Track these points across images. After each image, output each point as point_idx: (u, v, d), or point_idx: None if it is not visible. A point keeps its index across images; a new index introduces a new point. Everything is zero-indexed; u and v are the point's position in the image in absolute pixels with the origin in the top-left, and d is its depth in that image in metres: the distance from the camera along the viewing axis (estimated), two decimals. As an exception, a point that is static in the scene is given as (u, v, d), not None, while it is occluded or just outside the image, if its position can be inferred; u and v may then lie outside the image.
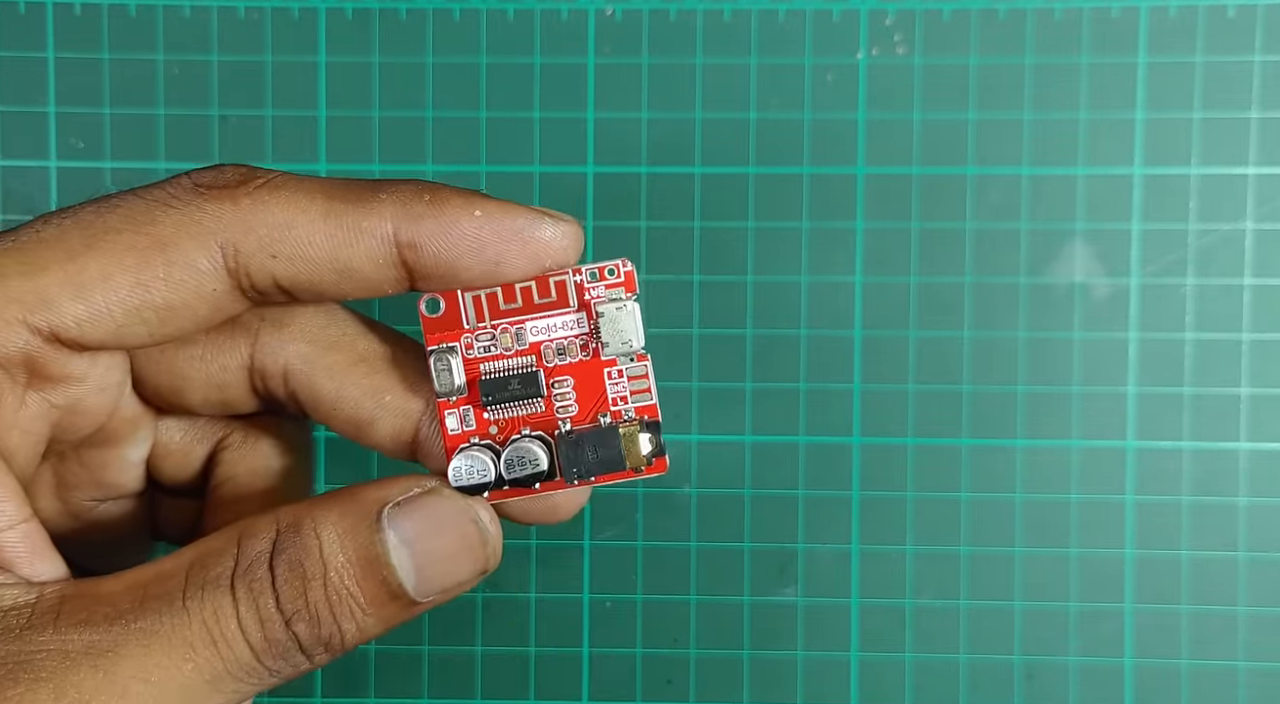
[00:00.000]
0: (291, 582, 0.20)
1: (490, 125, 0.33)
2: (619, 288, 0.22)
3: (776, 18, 0.33)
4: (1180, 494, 0.33)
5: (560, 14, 0.33)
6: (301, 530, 0.21)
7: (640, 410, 0.22)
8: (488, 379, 0.22)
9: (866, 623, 0.33)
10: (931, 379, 0.33)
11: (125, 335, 0.21)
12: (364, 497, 0.21)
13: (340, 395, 0.23)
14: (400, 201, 0.21)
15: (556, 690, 0.33)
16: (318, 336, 0.23)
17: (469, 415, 0.22)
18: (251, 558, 0.20)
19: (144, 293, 0.20)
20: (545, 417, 0.22)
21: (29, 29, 0.33)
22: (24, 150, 0.33)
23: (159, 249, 0.20)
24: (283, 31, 0.33)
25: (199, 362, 0.23)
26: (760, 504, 0.33)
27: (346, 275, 0.21)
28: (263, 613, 0.20)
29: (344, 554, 0.20)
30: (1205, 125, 0.33)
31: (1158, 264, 0.33)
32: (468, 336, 0.22)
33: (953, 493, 0.33)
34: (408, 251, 0.21)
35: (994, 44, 0.33)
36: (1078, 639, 0.33)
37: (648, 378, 0.22)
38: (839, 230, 0.33)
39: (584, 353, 0.22)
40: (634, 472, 0.22)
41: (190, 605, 0.20)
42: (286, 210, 0.20)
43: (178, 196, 0.20)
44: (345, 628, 0.20)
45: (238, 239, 0.20)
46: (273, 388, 0.23)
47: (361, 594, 0.20)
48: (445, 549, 0.21)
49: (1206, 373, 0.33)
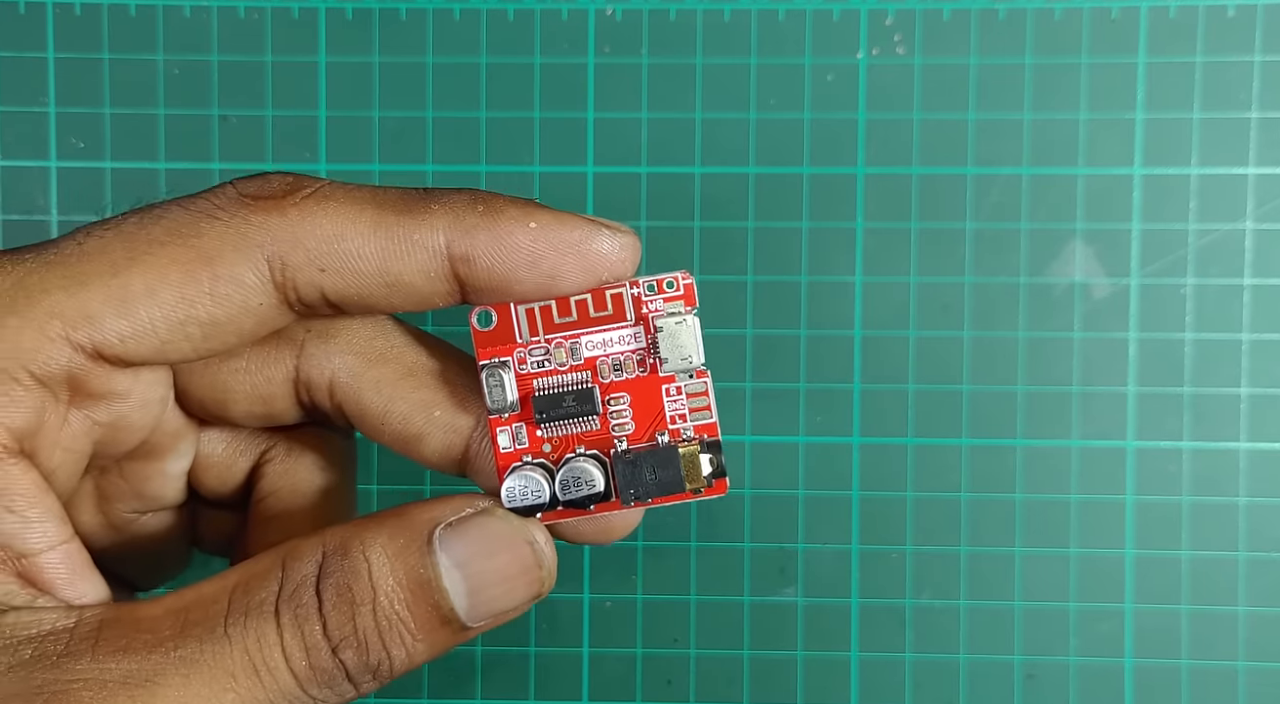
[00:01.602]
0: (340, 607, 0.19)
1: (490, 125, 0.33)
2: (678, 301, 0.21)
3: (776, 18, 0.33)
4: (1180, 494, 0.33)
5: (560, 14, 0.33)
6: (350, 553, 0.20)
7: (700, 429, 0.22)
8: (541, 395, 0.21)
9: (866, 623, 0.33)
10: (931, 379, 0.33)
11: (169, 351, 0.20)
12: (414, 517, 0.20)
13: (388, 410, 0.22)
14: (453, 213, 0.20)
15: (556, 690, 0.33)
16: (365, 349, 0.22)
17: (522, 433, 0.22)
18: (297, 582, 0.20)
19: (189, 308, 0.20)
20: (601, 435, 0.22)
21: (29, 29, 0.33)
22: (24, 150, 0.33)
23: (204, 263, 0.20)
24: (283, 31, 0.33)
25: (243, 374, 0.23)
26: (760, 504, 0.33)
27: (396, 289, 0.20)
28: (308, 640, 0.19)
29: (394, 578, 0.20)
30: (1205, 125, 0.33)
31: (1158, 264, 0.33)
32: (520, 351, 0.22)
33: (952, 493, 0.33)
34: (460, 265, 0.20)
35: (994, 44, 0.33)
36: (1078, 639, 0.33)
37: (708, 395, 0.22)
38: (839, 230, 0.33)
39: (641, 369, 0.22)
40: (693, 493, 0.21)
41: (232, 632, 0.19)
42: (335, 222, 0.20)
43: (223, 208, 0.20)
44: (395, 655, 0.20)
45: (285, 252, 0.20)
46: (318, 400, 0.23)
47: (412, 619, 0.20)
48: (499, 572, 0.21)
49: (1206, 373, 0.33)
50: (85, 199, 0.33)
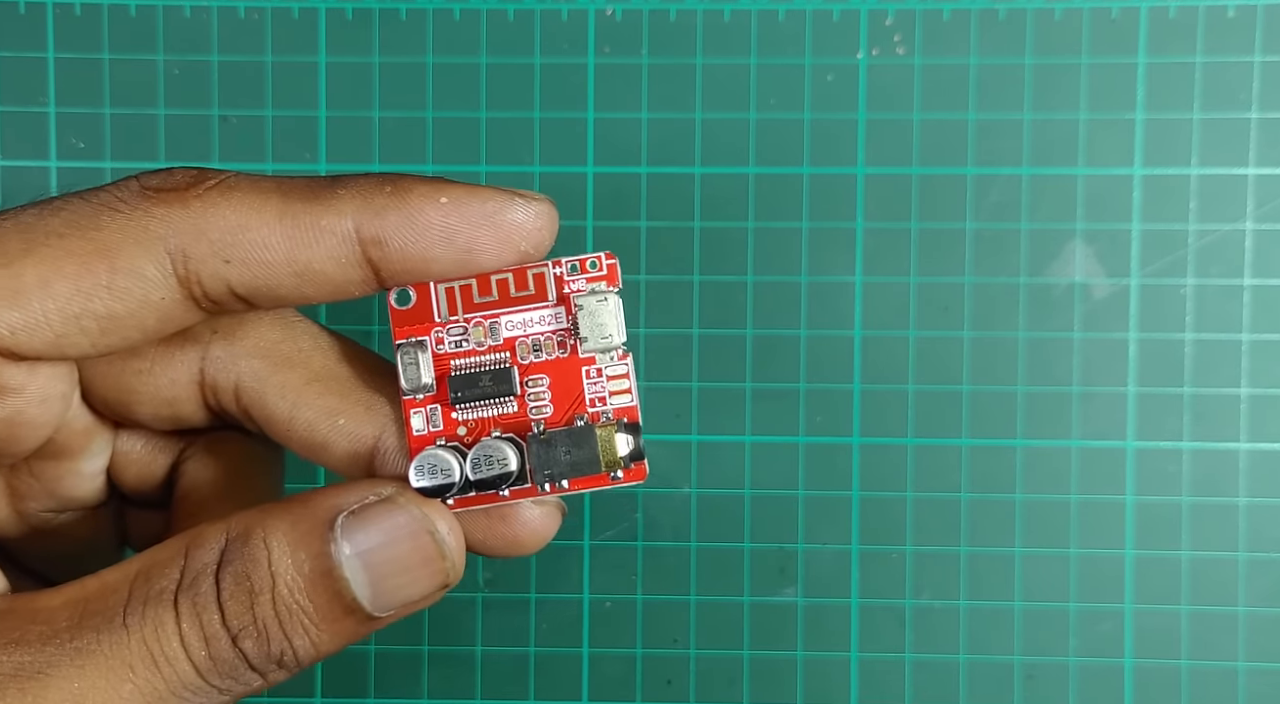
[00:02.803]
0: (237, 596, 0.19)
1: (490, 125, 0.33)
2: (601, 281, 0.21)
3: (776, 18, 0.33)
4: (1180, 494, 0.33)
5: (560, 14, 0.33)
6: (250, 540, 0.19)
7: (620, 412, 0.21)
8: (457, 375, 0.21)
9: (866, 623, 0.33)
10: (931, 379, 0.33)
11: (65, 345, 0.19)
12: (317, 504, 0.20)
13: (293, 416, 0.22)
14: (360, 195, 0.20)
15: (556, 690, 0.33)
16: (271, 352, 0.22)
17: (436, 415, 0.21)
18: (197, 570, 0.19)
19: (85, 301, 0.19)
20: (518, 418, 0.21)
21: (29, 29, 0.33)
22: (24, 150, 0.33)
23: (102, 255, 0.19)
24: (283, 31, 0.33)
25: (146, 375, 0.22)
26: (760, 504, 0.33)
27: (307, 278, 0.20)
28: (207, 630, 0.19)
29: (294, 566, 0.19)
30: (1205, 125, 0.33)
31: (1158, 264, 0.33)
32: (439, 331, 0.21)
33: (952, 493, 0.33)
34: (372, 248, 0.20)
35: (994, 44, 0.33)
36: (1078, 639, 0.33)
37: (629, 377, 0.21)
38: (839, 230, 0.33)
39: (561, 350, 0.21)
40: (609, 477, 0.21)
41: (130, 622, 0.19)
42: (239, 212, 0.19)
43: (124, 200, 0.19)
44: (298, 644, 0.19)
45: (187, 244, 0.19)
46: (225, 404, 0.22)
47: (313, 608, 0.19)
48: (401, 562, 0.20)
49: (1206, 373, 0.33)
50: (85, 199, 0.33)
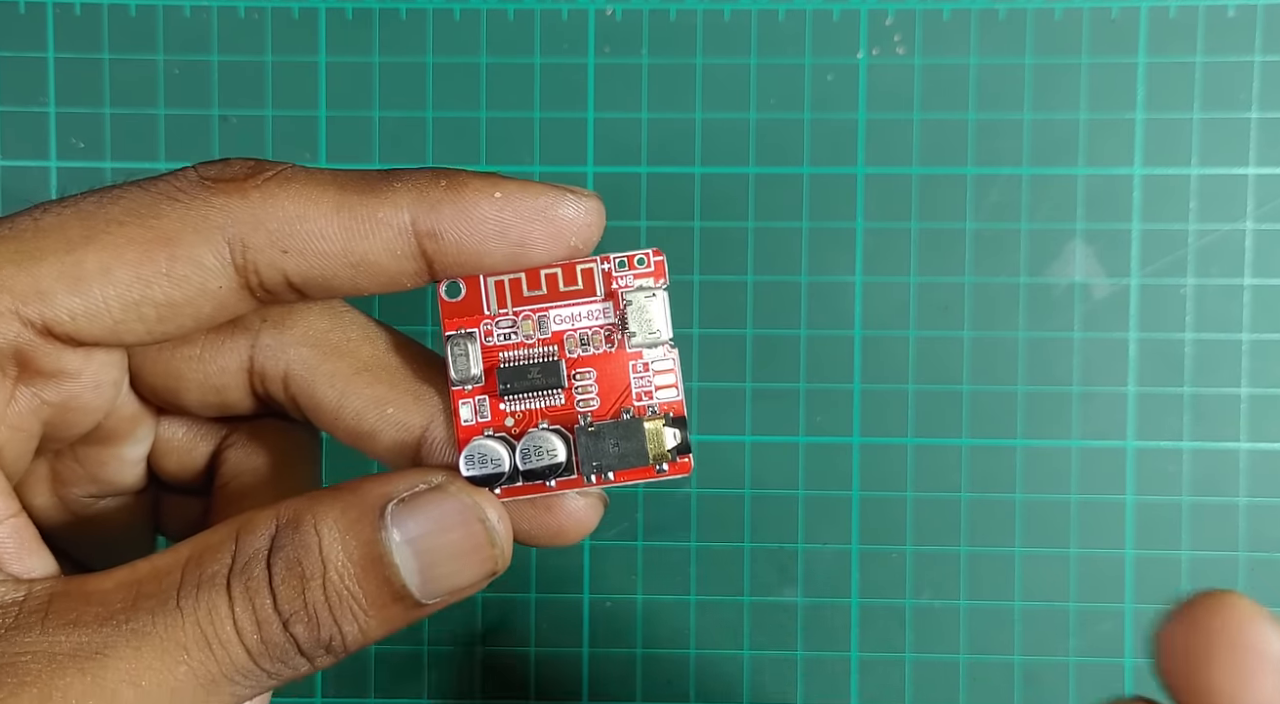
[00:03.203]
0: (289, 581, 0.19)
1: (490, 125, 0.33)
2: (648, 277, 0.21)
3: (776, 18, 0.33)
4: (1180, 494, 0.33)
5: (560, 14, 0.33)
6: (301, 527, 0.20)
7: (665, 406, 0.21)
8: (506, 367, 0.21)
9: (866, 623, 0.33)
10: (931, 379, 0.33)
11: (122, 332, 0.20)
12: (367, 492, 0.20)
13: (341, 405, 0.22)
14: (416, 189, 0.20)
15: (556, 690, 0.33)
16: (321, 341, 0.22)
17: (485, 405, 0.21)
18: (249, 555, 0.19)
19: (144, 288, 0.19)
20: (565, 410, 0.21)
21: (29, 29, 0.33)
22: (24, 150, 0.33)
23: (162, 244, 0.19)
24: (283, 31, 0.33)
25: (196, 362, 0.22)
26: (760, 504, 0.33)
27: (362, 269, 0.20)
28: (259, 614, 0.19)
29: (345, 553, 0.20)
30: (1205, 125, 0.33)
31: (1158, 264, 0.33)
32: (488, 323, 0.21)
33: (953, 493, 0.33)
34: (427, 241, 0.20)
35: (994, 44, 0.33)
36: (1078, 639, 0.33)
37: (674, 372, 0.21)
38: (839, 230, 0.33)
39: (609, 344, 0.21)
40: (655, 470, 0.21)
41: (184, 605, 0.19)
42: (298, 203, 0.20)
43: (183, 189, 0.20)
44: (346, 630, 0.20)
45: (246, 234, 0.20)
46: (273, 392, 0.23)
47: (363, 595, 0.20)
48: (451, 549, 0.20)
49: (1206, 373, 0.33)
50: (85, 199, 0.33)
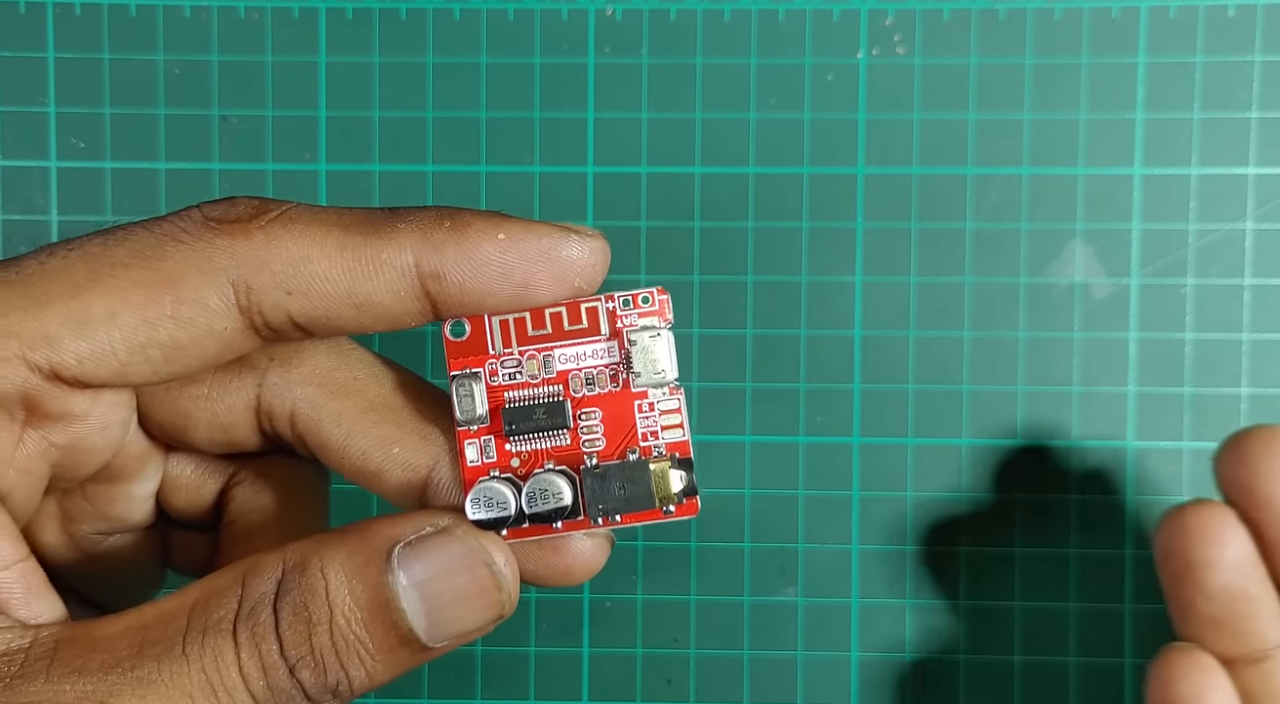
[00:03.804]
0: (296, 626, 0.19)
1: (490, 125, 0.33)
2: (653, 316, 0.21)
3: (776, 18, 0.33)
4: (1180, 494, 0.33)
5: (560, 14, 0.33)
6: (308, 571, 0.20)
7: (671, 447, 0.21)
8: (511, 407, 0.21)
9: (866, 623, 0.33)
10: (931, 379, 0.33)
11: (129, 373, 0.20)
12: (374, 535, 0.20)
13: (347, 444, 0.22)
14: (420, 230, 0.20)
15: (556, 690, 0.33)
16: (327, 380, 0.22)
17: (490, 446, 0.21)
18: (255, 600, 0.19)
19: (150, 331, 0.19)
20: (571, 450, 0.21)
21: (29, 29, 0.33)
22: (24, 150, 0.33)
23: (167, 286, 0.19)
24: (283, 31, 0.33)
25: (204, 401, 0.22)
26: (760, 504, 0.33)
27: (366, 310, 0.20)
28: (265, 660, 0.19)
29: (351, 597, 0.20)
30: (1205, 125, 0.33)
31: (1158, 264, 0.33)
32: (493, 362, 0.21)
33: (953, 493, 0.33)
34: (431, 282, 0.20)
35: (994, 44, 0.33)
36: (1078, 639, 0.33)
37: (680, 412, 0.21)
38: (839, 230, 0.33)
39: (614, 384, 0.21)
40: (662, 512, 0.21)
41: (190, 652, 0.19)
42: (301, 244, 0.20)
43: (188, 231, 0.20)
44: (353, 675, 0.20)
45: (250, 275, 0.20)
46: (280, 430, 0.23)
47: (370, 639, 0.20)
48: (458, 593, 0.20)
49: (1206, 373, 0.33)
50: (85, 199, 0.33)
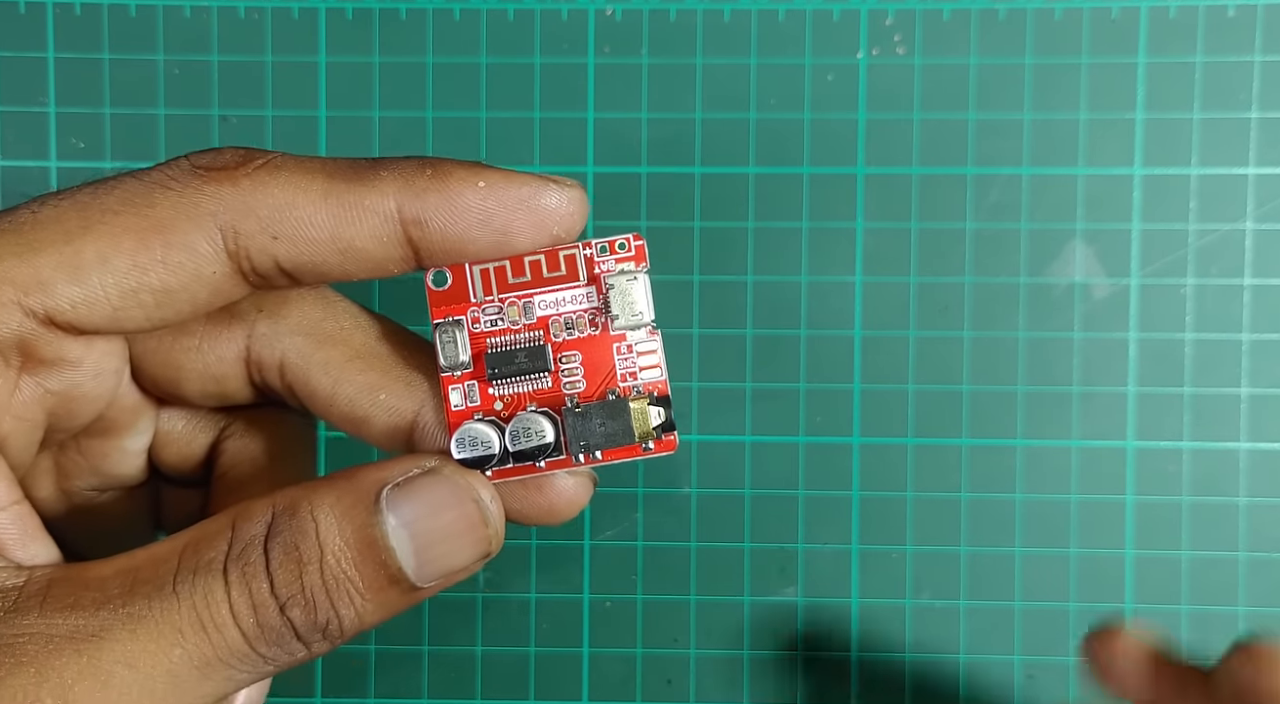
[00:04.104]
0: (286, 565, 0.20)
1: (490, 125, 0.33)
2: (629, 261, 0.22)
3: (776, 18, 0.33)
4: (1180, 494, 0.33)
5: (560, 14, 0.33)
6: (298, 513, 0.20)
7: (650, 386, 0.22)
8: (493, 352, 0.22)
9: (866, 623, 0.33)
10: (931, 379, 0.33)
11: (122, 318, 0.20)
12: (362, 478, 0.21)
13: (335, 392, 0.22)
14: (402, 177, 0.21)
15: (556, 690, 0.33)
16: (314, 330, 0.23)
17: (473, 391, 0.22)
18: (246, 541, 0.20)
19: (141, 275, 0.20)
20: (552, 392, 0.22)
21: (29, 29, 0.33)
22: (24, 150, 0.33)
23: (157, 231, 0.20)
24: (283, 31, 0.33)
25: (195, 353, 0.23)
26: (760, 504, 0.33)
27: (350, 255, 0.21)
28: (256, 598, 0.20)
29: (341, 537, 0.20)
30: (1205, 125, 0.33)
31: (1158, 264, 0.33)
32: (474, 310, 0.22)
33: (953, 493, 0.33)
34: (413, 228, 0.21)
35: (994, 44, 0.33)
36: (1077, 639, 0.33)
37: (658, 353, 0.22)
38: (839, 230, 0.33)
39: (593, 328, 0.22)
40: (642, 448, 0.22)
41: (180, 590, 0.19)
42: (287, 190, 0.20)
43: (176, 178, 0.20)
44: (343, 614, 0.20)
45: (237, 221, 0.20)
46: (270, 380, 0.23)
47: (360, 578, 0.20)
48: (445, 530, 0.21)
49: (1206, 373, 0.33)
50: (85, 199, 0.33)
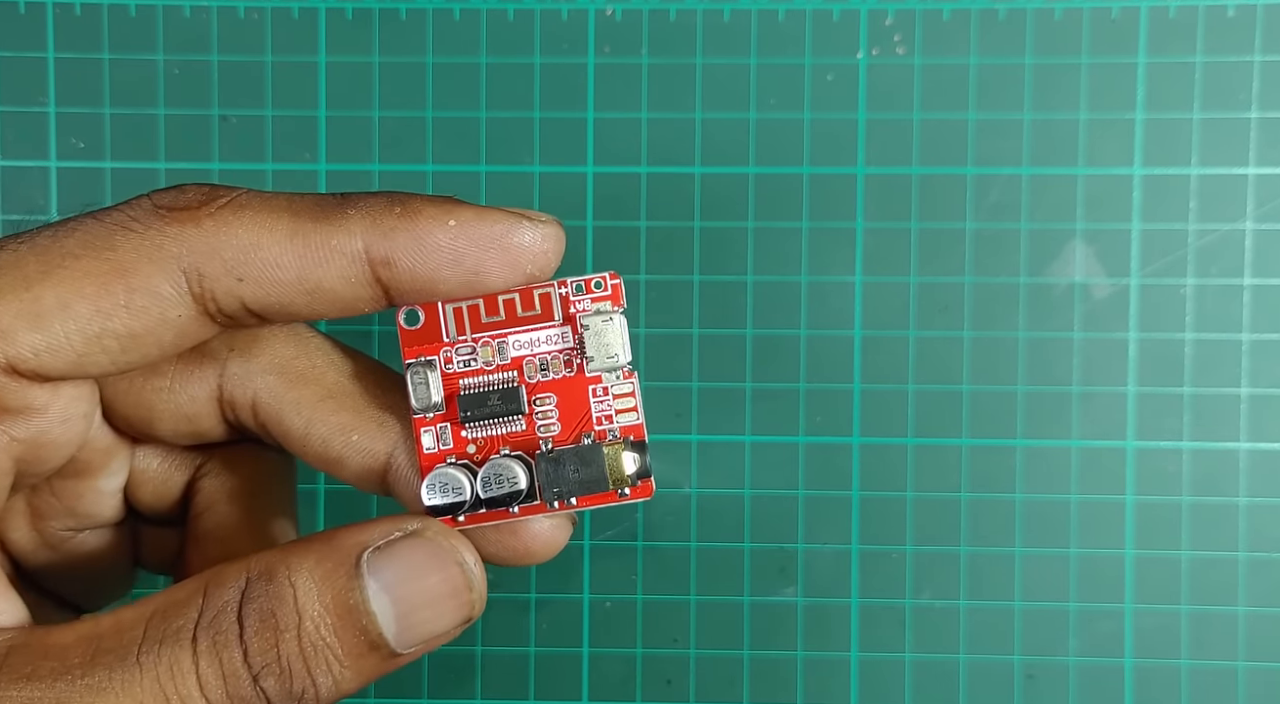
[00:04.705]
0: (262, 633, 0.19)
1: (490, 125, 0.33)
2: (605, 301, 0.21)
3: (776, 18, 0.33)
4: (1180, 494, 0.33)
5: (560, 14, 0.33)
6: (275, 578, 0.19)
7: (626, 430, 0.21)
8: (467, 394, 0.21)
9: (866, 623, 0.33)
10: (931, 379, 0.33)
11: (87, 364, 0.20)
12: (342, 541, 0.20)
13: (308, 432, 0.22)
14: (370, 216, 0.20)
15: (556, 690, 0.33)
16: (286, 368, 0.22)
17: (446, 433, 0.21)
18: (218, 608, 0.19)
19: (104, 321, 0.19)
20: (526, 436, 0.22)
21: (29, 29, 0.33)
22: (24, 150, 0.33)
23: (119, 275, 0.19)
24: (283, 31, 0.33)
25: (167, 392, 0.22)
26: (760, 504, 0.33)
27: (318, 296, 0.20)
28: (226, 668, 0.19)
29: (321, 603, 0.19)
30: (1205, 125, 0.33)
31: (1158, 264, 0.33)
32: (447, 350, 0.21)
33: (953, 493, 0.33)
34: (381, 268, 0.20)
35: (994, 44, 0.33)
36: (1078, 639, 0.33)
37: (634, 396, 0.21)
38: (839, 230, 0.33)
39: (568, 369, 0.21)
40: (617, 494, 0.21)
41: (144, 660, 0.18)
42: (251, 231, 0.20)
43: (137, 219, 0.20)
44: (320, 682, 0.19)
45: (201, 263, 0.19)
46: (243, 419, 0.23)
47: (339, 645, 0.19)
48: (428, 595, 0.20)
49: (1206, 373, 0.33)
50: (85, 199, 0.33)
